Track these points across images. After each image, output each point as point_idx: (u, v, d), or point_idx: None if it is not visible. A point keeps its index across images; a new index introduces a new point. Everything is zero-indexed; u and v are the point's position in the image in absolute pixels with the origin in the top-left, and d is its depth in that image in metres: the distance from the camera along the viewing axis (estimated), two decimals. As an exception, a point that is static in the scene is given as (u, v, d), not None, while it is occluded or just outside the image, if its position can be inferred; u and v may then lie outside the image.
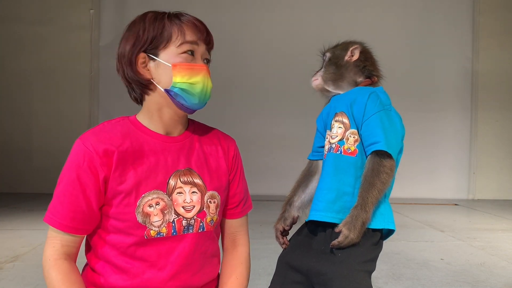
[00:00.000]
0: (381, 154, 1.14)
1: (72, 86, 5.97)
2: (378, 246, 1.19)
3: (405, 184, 5.74)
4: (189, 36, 1.06)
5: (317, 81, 1.32)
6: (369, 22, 6.05)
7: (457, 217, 4.66)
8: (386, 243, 1.23)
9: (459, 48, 6.21)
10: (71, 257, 1.05)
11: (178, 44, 1.05)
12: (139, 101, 1.13)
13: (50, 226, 1.03)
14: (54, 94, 5.96)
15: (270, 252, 2.72)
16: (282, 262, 1.26)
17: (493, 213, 4.87)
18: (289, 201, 1.32)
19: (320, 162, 1.30)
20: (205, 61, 1.11)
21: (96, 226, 1.06)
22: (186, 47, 1.05)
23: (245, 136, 5.63)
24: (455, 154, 6.21)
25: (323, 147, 1.27)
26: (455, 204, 5.58)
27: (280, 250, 1.31)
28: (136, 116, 1.13)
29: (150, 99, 1.10)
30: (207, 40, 1.10)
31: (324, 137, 1.28)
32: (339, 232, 1.12)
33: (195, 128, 1.17)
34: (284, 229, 1.30)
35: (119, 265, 1.05)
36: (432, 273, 2.54)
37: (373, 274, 1.18)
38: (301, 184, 1.32)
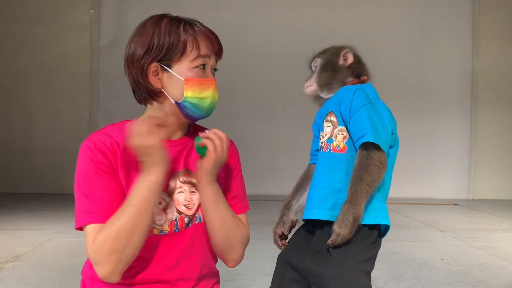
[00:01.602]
0: (369, 147, 1.13)
1: (72, 86, 5.97)
2: (376, 245, 1.18)
3: (405, 184, 5.75)
4: (203, 49, 1.07)
5: (312, 87, 1.32)
6: (369, 22, 6.05)
7: (457, 217, 4.66)
8: (386, 243, 1.23)
9: (459, 48, 6.20)
10: None
11: (193, 58, 1.06)
12: (144, 103, 1.15)
13: (89, 226, 0.99)
14: (54, 94, 5.96)
15: (270, 252, 2.70)
16: (281, 260, 1.26)
17: (493, 213, 4.87)
18: (287, 205, 1.32)
19: None
20: (213, 70, 1.13)
21: None
22: (199, 61, 1.07)
23: (245, 137, 5.63)
24: (455, 154, 6.20)
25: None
26: (455, 204, 5.58)
27: (279, 250, 1.31)
28: (139, 119, 1.14)
29: (158, 106, 1.11)
30: (218, 51, 1.12)
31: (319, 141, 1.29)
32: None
33: (195, 131, 1.19)
34: (283, 233, 1.30)
35: None
36: (432, 273, 2.53)
37: (373, 274, 1.18)
38: (299, 188, 1.33)
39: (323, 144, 1.23)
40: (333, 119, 1.22)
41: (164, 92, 1.08)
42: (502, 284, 2.36)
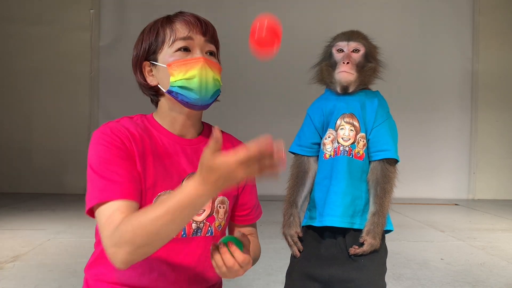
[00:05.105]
0: (391, 162, 1.18)
1: (72, 86, 5.97)
2: (386, 247, 1.22)
3: (405, 184, 5.70)
4: (180, 32, 1.05)
5: (351, 76, 1.20)
6: (369, 21, 6.04)
7: (457, 217, 4.66)
8: (386, 243, 1.24)
9: (459, 48, 6.21)
10: None
11: (171, 43, 1.05)
12: (155, 104, 1.15)
13: (101, 207, 0.92)
14: (54, 94, 5.96)
15: (270, 252, 2.72)
16: (299, 273, 1.21)
17: (493, 213, 4.87)
18: (293, 203, 1.26)
19: (312, 159, 1.26)
20: (208, 53, 1.09)
21: None
22: (178, 44, 1.05)
23: (245, 136, 5.60)
24: (455, 154, 6.20)
25: (317, 144, 1.25)
26: (455, 204, 5.58)
27: (279, 250, 1.30)
28: (153, 114, 1.13)
29: (162, 103, 1.11)
30: (204, 31, 1.07)
31: (319, 134, 1.24)
32: (352, 237, 1.15)
33: (210, 132, 1.16)
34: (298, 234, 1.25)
35: None
36: (432, 273, 2.54)
37: (373, 274, 1.20)
38: (299, 183, 1.27)
39: (347, 148, 1.19)
40: (356, 123, 1.20)
41: (160, 86, 1.08)
42: (502, 284, 2.36)
